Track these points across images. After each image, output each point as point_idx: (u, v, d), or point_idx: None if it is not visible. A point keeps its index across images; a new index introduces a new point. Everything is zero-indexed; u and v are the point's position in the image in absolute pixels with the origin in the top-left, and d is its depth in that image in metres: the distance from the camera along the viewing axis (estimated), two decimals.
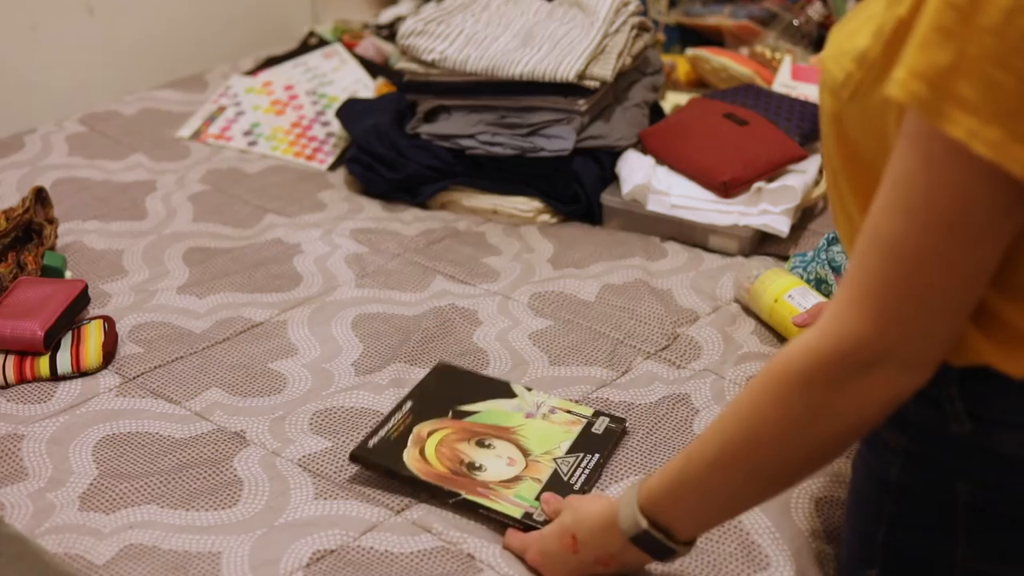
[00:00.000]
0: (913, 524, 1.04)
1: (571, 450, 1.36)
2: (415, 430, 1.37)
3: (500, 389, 1.46)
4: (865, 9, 0.95)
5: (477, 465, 1.32)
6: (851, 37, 0.94)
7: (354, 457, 1.33)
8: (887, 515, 1.06)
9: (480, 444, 1.36)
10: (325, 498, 1.30)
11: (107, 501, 1.30)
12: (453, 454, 1.34)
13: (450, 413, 1.41)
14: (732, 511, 1.09)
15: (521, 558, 1.21)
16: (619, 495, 1.11)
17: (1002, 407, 0.95)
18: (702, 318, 1.66)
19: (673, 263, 1.81)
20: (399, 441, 1.35)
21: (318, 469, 1.35)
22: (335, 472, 1.34)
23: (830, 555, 1.23)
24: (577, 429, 1.39)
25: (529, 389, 1.47)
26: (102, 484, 1.32)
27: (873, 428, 0.96)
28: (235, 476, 1.34)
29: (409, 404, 1.41)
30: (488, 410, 1.42)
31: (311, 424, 1.42)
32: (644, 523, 1.06)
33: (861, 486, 1.12)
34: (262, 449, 1.38)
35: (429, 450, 1.34)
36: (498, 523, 1.25)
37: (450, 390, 1.45)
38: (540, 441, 1.37)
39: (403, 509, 1.28)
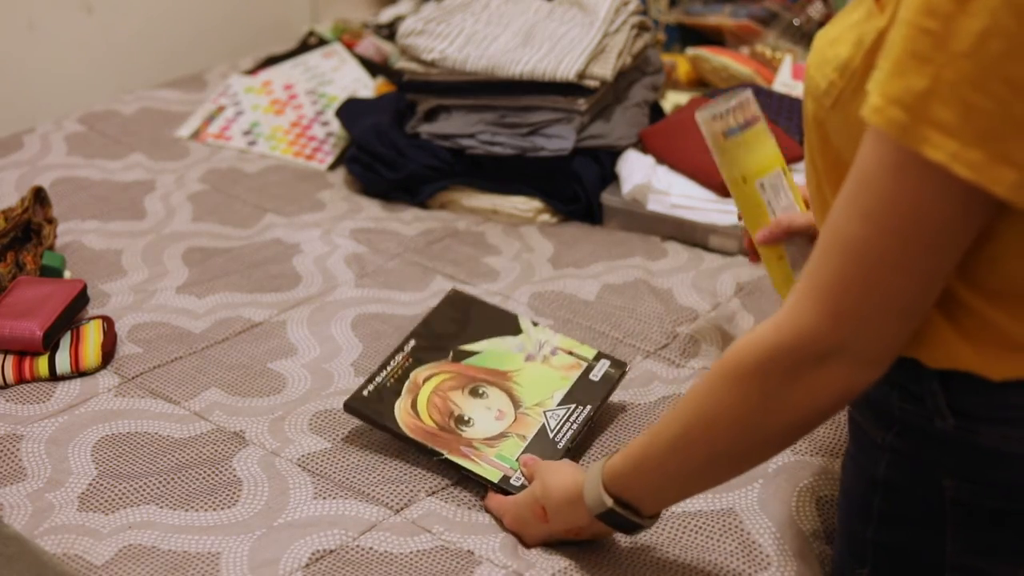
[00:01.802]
0: (901, 520, 1.05)
1: (563, 401, 1.39)
2: (412, 375, 1.40)
3: (507, 324, 1.49)
4: (847, 16, 0.96)
5: (466, 419, 1.36)
6: (833, 45, 0.95)
7: (348, 407, 1.37)
8: (876, 512, 1.07)
9: (474, 393, 1.39)
10: (324, 498, 1.30)
11: (106, 501, 1.29)
12: (444, 405, 1.37)
13: (450, 354, 1.44)
14: (692, 490, 1.12)
15: (499, 521, 1.25)
16: (586, 471, 1.14)
17: (984, 403, 0.96)
18: (702, 316, 1.66)
19: (673, 263, 1.81)
20: (393, 389, 1.38)
21: (317, 469, 1.34)
22: (334, 472, 1.34)
23: (831, 556, 1.23)
24: (574, 375, 1.42)
25: (536, 324, 1.50)
26: (101, 484, 1.32)
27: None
28: (234, 476, 1.33)
29: (412, 343, 1.44)
30: (489, 350, 1.45)
31: (310, 424, 1.42)
32: (609, 502, 1.10)
33: (850, 485, 1.13)
34: (261, 449, 1.38)
35: (422, 401, 1.37)
36: (496, 527, 1.25)
37: (457, 324, 1.48)
38: (534, 390, 1.40)
39: (402, 508, 1.28)
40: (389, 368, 1.41)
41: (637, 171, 1.89)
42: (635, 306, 1.67)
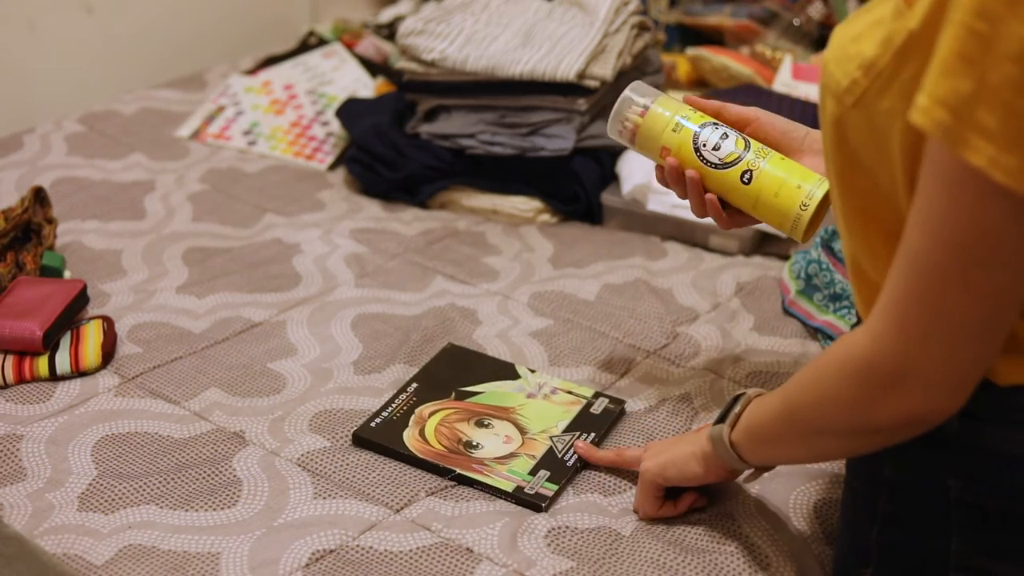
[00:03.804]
0: (906, 521, 1.05)
1: (567, 429, 1.40)
2: (417, 411, 1.42)
3: (504, 371, 1.51)
4: (870, 13, 0.94)
5: (474, 444, 1.37)
6: (856, 42, 0.93)
7: (356, 438, 1.38)
8: (880, 513, 1.06)
9: (479, 424, 1.40)
10: (324, 498, 1.30)
11: (106, 501, 1.29)
12: (452, 433, 1.38)
13: (453, 394, 1.45)
14: (800, 461, 1.22)
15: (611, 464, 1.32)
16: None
17: (990, 405, 0.96)
18: (702, 316, 1.66)
19: (673, 263, 1.81)
20: (400, 422, 1.39)
21: (317, 469, 1.34)
22: (334, 472, 1.34)
23: (830, 556, 1.23)
24: (576, 409, 1.43)
25: (532, 371, 1.50)
26: (101, 484, 1.32)
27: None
28: (234, 476, 1.33)
29: (414, 386, 1.46)
30: (490, 391, 1.46)
31: (310, 424, 1.42)
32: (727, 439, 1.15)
33: (854, 485, 1.13)
34: (261, 449, 1.38)
35: (429, 430, 1.39)
36: (494, 515, 1.25)
37: (455, 372, 1.50)
38: (538, 420, 1.42)
39: (402, 507, 1.28)
40: (394, 405, 1.42)
41: (637, 171, 1.89)
42: (635, 306, 1.67)
